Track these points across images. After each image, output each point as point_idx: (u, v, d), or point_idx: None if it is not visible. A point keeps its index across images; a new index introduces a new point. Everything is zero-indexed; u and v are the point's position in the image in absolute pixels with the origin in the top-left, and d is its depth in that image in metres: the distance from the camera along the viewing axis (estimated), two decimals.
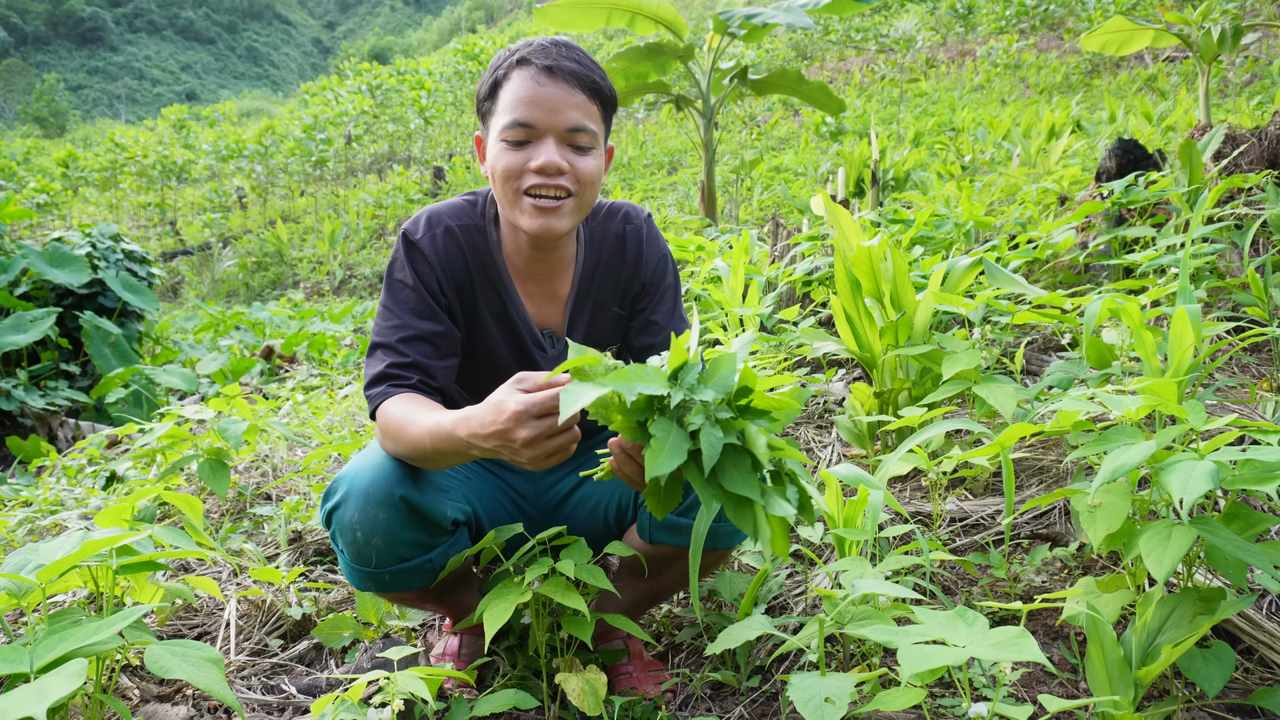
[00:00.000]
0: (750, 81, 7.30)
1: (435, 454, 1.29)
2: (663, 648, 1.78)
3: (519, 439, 1.12)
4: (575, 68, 1.41)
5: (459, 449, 1.23)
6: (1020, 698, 1.46)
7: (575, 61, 1.41)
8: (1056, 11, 19.56)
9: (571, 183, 1.42)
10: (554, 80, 1.39)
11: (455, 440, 1.23)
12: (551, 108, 1.39)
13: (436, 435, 1.26)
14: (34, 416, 4.80)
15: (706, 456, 0.98)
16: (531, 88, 1.39)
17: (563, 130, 1.40)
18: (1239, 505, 1.27)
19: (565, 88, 1.39)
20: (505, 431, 1.13)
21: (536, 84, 1.39)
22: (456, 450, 1.24)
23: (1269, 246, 2.92)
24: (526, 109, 1.39)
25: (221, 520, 2.54)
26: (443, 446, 1.26)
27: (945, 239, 3.58)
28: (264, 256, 15.46)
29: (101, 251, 5.92)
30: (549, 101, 1.39)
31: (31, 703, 0.97)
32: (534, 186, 1.40)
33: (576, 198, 1.44)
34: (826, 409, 2.73)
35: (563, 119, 1.40)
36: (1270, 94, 9.89)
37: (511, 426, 1.12)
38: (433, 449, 1.28)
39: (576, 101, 1.40)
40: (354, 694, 1.26)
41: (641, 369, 1.03)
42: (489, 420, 1.16)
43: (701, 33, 13.17)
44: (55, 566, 1.22)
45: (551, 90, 1.39)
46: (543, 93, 1.39)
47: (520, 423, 1.12)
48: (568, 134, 1.40)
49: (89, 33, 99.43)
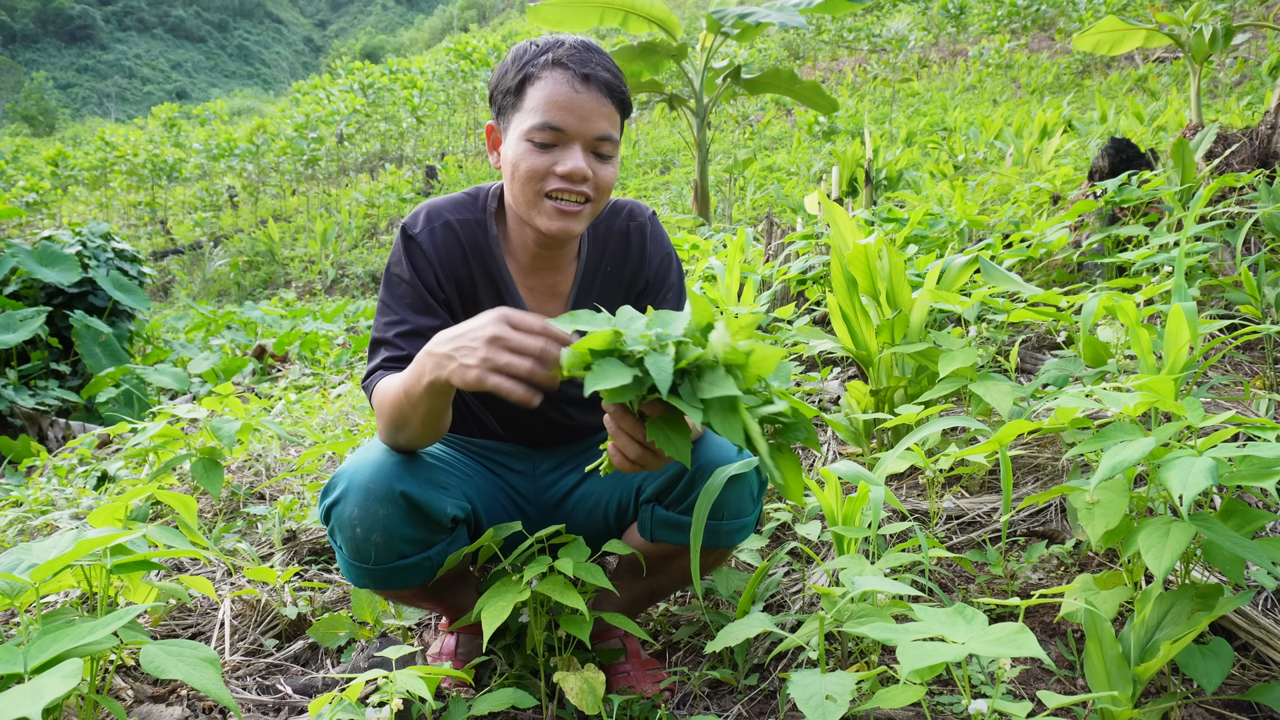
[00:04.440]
0: (743, 81, 7.30)
1: (407, 399, 1.28)
2: (660, 646, 1.78)
3: (486, 334, 1.12)
4: (609, 78, 1.41)
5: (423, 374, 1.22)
6: (1018, 695, 1.46)
7: (608, 71, 1.42)
8: (1048, 12, 19.64)
9: (592, 189, 1.42)
10: (589, 88, 1.39)
11: (422, 357, 1.22)
12: (584, 115, 1.39)
13: (410, 370, 1.26)
14: (24, 416, 4.76)
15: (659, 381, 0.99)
16: (567, 93, 1.38)
17: (591, 138, 1.40)
18: (1236, 502, 1.27)
19: (598, 97, 1.40)
20: (477, 328, 1.14)
21: (572, 90, 1.38)
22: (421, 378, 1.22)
23: (1261, 245, 2.93)
24: (559, 114, 1.38)
25: (215, 520, 2.53)
26: (412, 385, 1.25)
27: (939, 238, 3.59)
28: (255, 255, 15.40)
29: (92, 250, 5.88)
30: (582, 109, 1.39)
31: (27, 703, 0.96)
32: (557, 190, 1.40)
33: (594, 203, 1.45)
34: (822, 407, 2.73)
35: (592, 127, 1.40)
36: (1260, 94, 9.95)
37: (485, 323, 1.13)
38: (405, 392, 1.27)
39: (606, 111, 1.41)
40: (352, 693, 1.25)
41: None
42: (463, 325, 1.17)
43: (695, 32, 13.15)
44: (49, 566, 1.21)
45: (586, 98, 1.39)
46: (577, 100, 1.38)
47: (497, 323, 1.13)
48: (594, 142, 1.41)
49: (78, 30, 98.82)
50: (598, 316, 1.12)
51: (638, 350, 1.03)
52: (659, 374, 1.00)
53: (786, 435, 1.14)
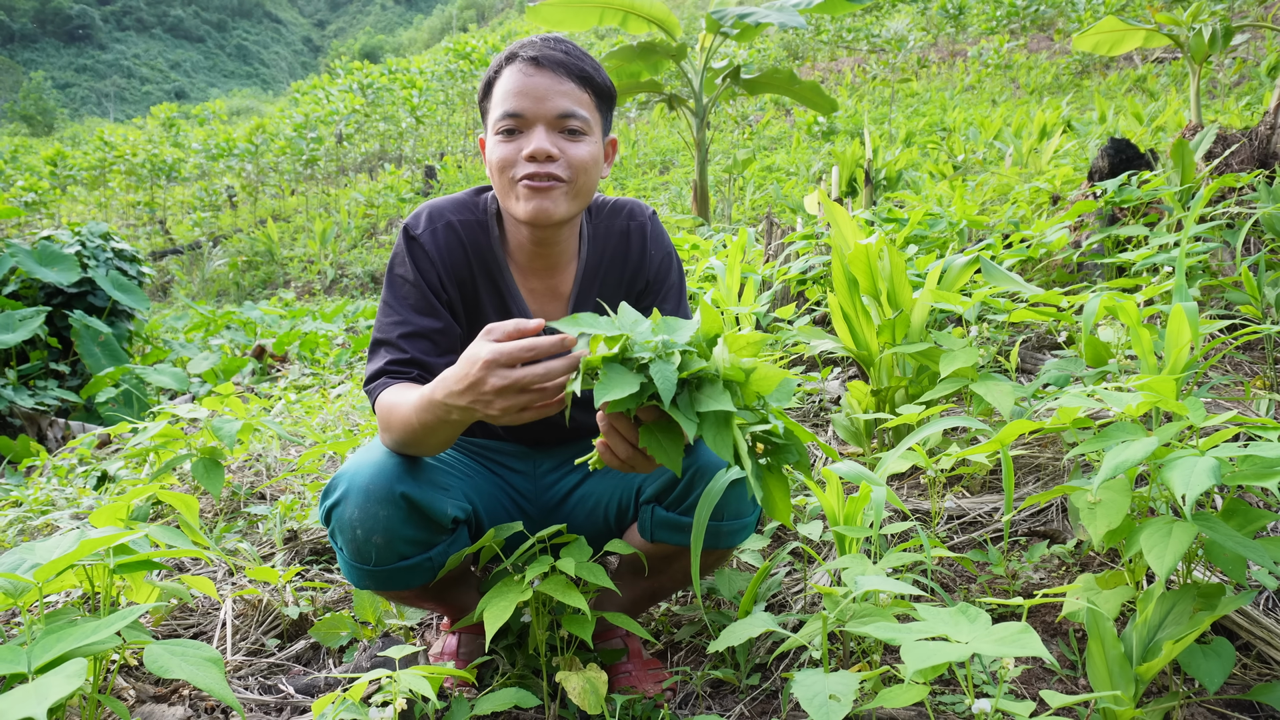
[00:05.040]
0: (743, 81, 7.30)
1: (422, 428, 1.28)
2: (662, 646, 1.78)
3: (490, 388, 1.12)
4: (562, 57, 1.43)
5: (440, 415, 1.23)
6: (1020, 694, 1.46)
7: (563, 52, 1.43)
8: (1047, 12, 19.65)
9: (564, 169, 1.42)
10: (540, 70, 1.41)
11: (435, 405, 1.22)
12: (539, 96, 1.40)
13: (420, 406, 1.26)
14: (23, 416, 4.76)
15: (662, 390, 0.99)
16: (519, 79, 1.41)
17: (551, 117, 1.41)
18: (1237, 501, 1.27)
19: (552, 76, 1.41)
20: (478, 382, 1.13)
21: (524, 75, 1.41)
22: (439, 417, 1.24)
23: (1261, 245, 2.93)
24: (515, 99, 1.41)
25: (215, 520, 2.53)
26: (427, 417, 1.26)
27: (939, 238, 3.59)
28: (254, 255, 15.39)
29: (91, 250, 5.87)
30: (536, 90, 1.41)
31: (31, 703, 0.96)
32: (527, 175, 1.41)
33: (570, 184, 1.44)
34: (823, 407, 2.74)
35: (551, 106, 1.41)
36: (1259, 94, 9.96)
37: (483, 375, 1.12)
38: (419, 423, 1.28)
39: (565, 89, 1.42)
40: (355, 693, 1.25)
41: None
42: (462, 374, 1.16)
43: (694, 32, 13.14)
44: (53, 565, 1.21)
45: (539, 80, 1.41)
46: (529, 83, 1.41)
47: (491, 370, 1.12)
48: (557, 120, 1.41)
49: (77, 30, 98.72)
50: (600, 320, 1.12)
51: (643, 356, 1.04)
52: (663, 384, 1.00)
53: (779, 456, 1.14)
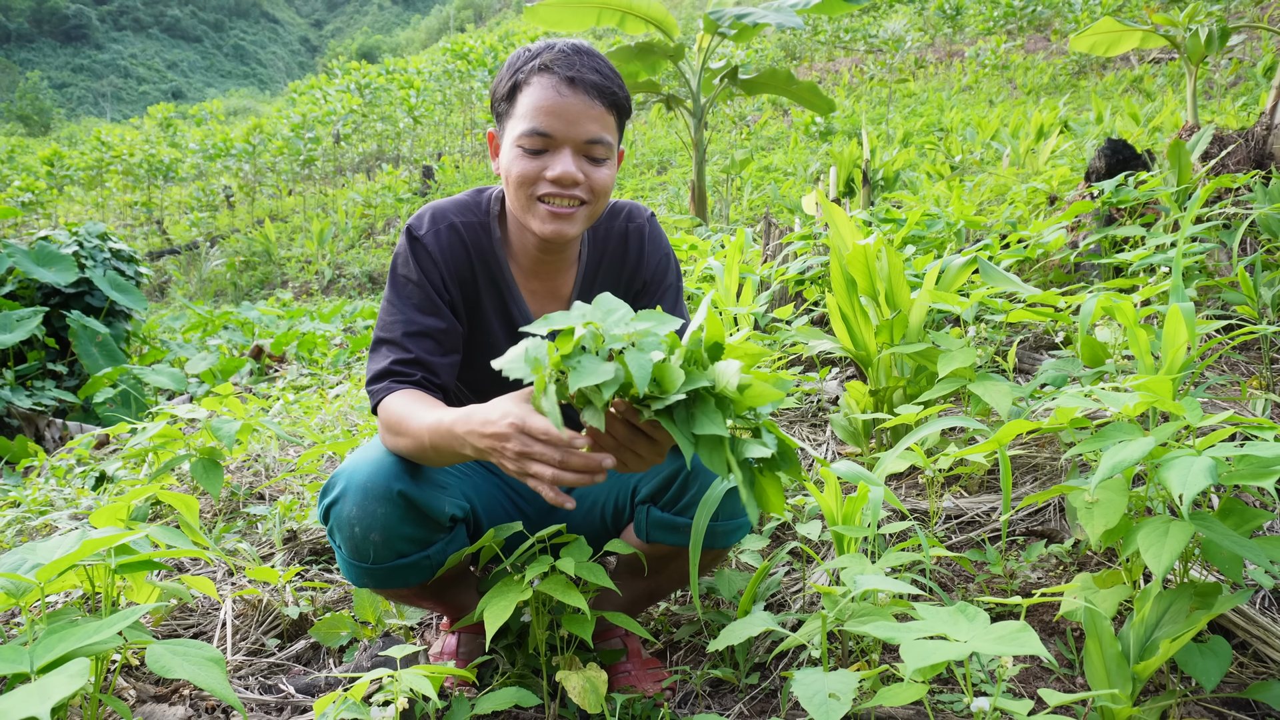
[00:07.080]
0: (740, 81, 7.31)
1: (433, 450, 1.30)
2: (661, 645, 1.78)
3: (509, 449, 1.15)
4: (597, 79, 1.40)
5: (454, 447, 1.25)
6: (1018, 693, 1.47)
7: (597, 72, 1.40)
8: (1044, 13, 19.68)
9: (586, 193, 1.42)
10: (575, 91, 1.38)
11: (453, 437, 1.24)
12: (571, 119, 1.38)
13: (436, 431, 1.27)
14: (21, 417, 4.75)
15: (638, 378, 0.99)
16: (552, 97, 1.38)
17: (580, 142, 1.40)
18: (1234, 501, 1.28)
19: (585, 99, 1.38)
20: (502, 435, 1.15)
21: (558, 94, 1.38)
22: (452, 448, 1.26)
23: (1257, 245, 2.94)
24: (546, 119, 1.38)
25: (215, 520, 2.53)
26: (440, 443, 1.27)
27: (937, 238, 3.60)
28: (252, 256, 15.38)
29: (88, 250, 5.87)
30: (569, 113, 1.38)
31: (34, 702, 0.96)
32: (549, 195, 1.40)
33: (589, 206, 1.45)
34: (821, 407, 2.74)
35: (581, 131, 1.39)
36: (1255, 95, 9.98)
37: (509, 433, 1.14)
38: (431, 445, 1.29)
39: (595, 114, 1.40)
40: (356, 693, 1.26)
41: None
42: (490, 419, 1.17)
43: (691, 32, 13.15)
44: (54, 566, 1.21)
45: (572, 101, 1.38)
46: (563, 103, 1.37)
47: (517, 434, 1.14)
48: (585, 145, 1.40)
49: (74, 30, 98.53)
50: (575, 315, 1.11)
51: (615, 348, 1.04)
52: (639, 372, 1.00)
53: (772, 464, 1.15)
